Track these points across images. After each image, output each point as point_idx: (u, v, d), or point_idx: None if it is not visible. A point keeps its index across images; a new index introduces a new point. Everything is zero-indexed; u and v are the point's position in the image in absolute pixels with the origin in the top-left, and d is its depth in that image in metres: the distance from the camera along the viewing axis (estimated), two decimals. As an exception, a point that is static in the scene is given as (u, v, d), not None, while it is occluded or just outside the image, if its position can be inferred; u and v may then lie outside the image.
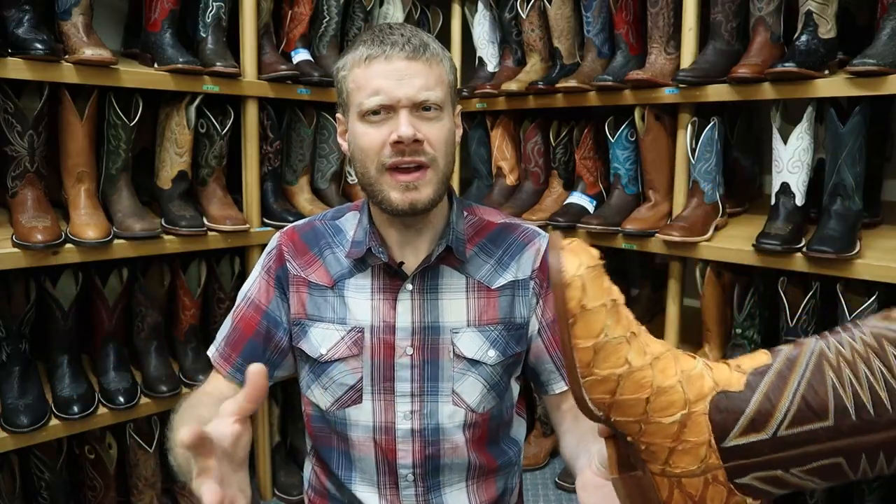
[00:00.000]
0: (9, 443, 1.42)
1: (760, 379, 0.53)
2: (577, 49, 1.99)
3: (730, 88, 1.57)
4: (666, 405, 0.53)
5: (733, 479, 0.53)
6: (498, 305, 0.94)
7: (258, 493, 1.95)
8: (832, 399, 0.50)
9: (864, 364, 0.50)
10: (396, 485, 0.94)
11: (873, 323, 0.51)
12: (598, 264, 0.54)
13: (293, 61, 1.88)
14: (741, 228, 1.71)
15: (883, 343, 0.49)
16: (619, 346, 0.53)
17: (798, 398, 0.51)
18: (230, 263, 1.83)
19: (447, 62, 0.89)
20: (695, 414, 0.53)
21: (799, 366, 0.52)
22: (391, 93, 0.83)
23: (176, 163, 1.69)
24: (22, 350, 1.51)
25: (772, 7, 1.53)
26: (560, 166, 2.05)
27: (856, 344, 0.51)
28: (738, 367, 0.55)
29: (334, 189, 2.04)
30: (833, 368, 0.51)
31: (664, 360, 0.54)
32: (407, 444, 0.92)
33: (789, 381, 0.52)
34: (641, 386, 0.53)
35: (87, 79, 1.47)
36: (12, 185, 1.47)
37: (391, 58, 0.84)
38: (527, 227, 0.99)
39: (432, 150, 0.85)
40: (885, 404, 0.49)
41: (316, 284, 0.95)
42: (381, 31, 0.87)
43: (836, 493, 1.70)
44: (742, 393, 0.53)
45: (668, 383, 0.53)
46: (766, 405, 0.52)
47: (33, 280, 1.53)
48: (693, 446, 0.53)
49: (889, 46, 1.35)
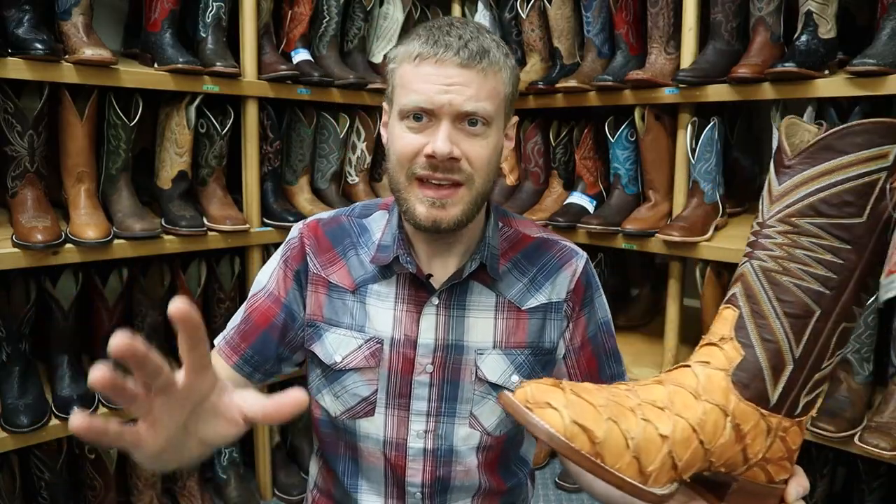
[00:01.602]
0: (9, 443, 1.42)
1: (746, 332, 0.55)
2: (577, 49, 1.99)
3: (730, 88, 1.57)
4: (713, 429, 0.53)
5: (794, 415, 0.55)
6: (527, 328, 0.89)
7: (258, 493, 1.95)
8: (803, 294, 0.53)
9: (796, 248, 0.53)
10: (403, 499, 0.91)
11: (768, 213, 0.54)
12: (563, 390, 0.52)
13: (293, 61, 1.88)
14: (741, 228, 1.71)
15: (791, 220, 0.53)
16: (648, 432, 0.51)
17: (784, 318, 0.53)
18: (230, 263, 1.83)
19: (507, 71, 0.81)
20: (735, 409, 0.53)
21: (759, 294, 0.54)
22: (435, 100, 0.76)
23: (176, 163, 1.69)
24: (22, 350, 1.51)
25: (772, 7, 1.53)
26: (560, 166, 2.05)
27: (777, 240, 0.53)
28: (721, 339, 0.56)
29: (334, 189, 2.04)
30: (782, 272, 0.53)
31: (677, 397, 0.53)
32: (418, 462, 0.88)
33: (766, 313, 0.54)
34: (688, 439, 0.52)
35: (87, 79, 1.47)
36: (12, 185, 1.47)
37: (443, 62, 0.76)
38: (564, 245, 0.93)
39: (470, 168, 0.79)
40: (835, 261, 0.52)
41: (336, 286, 0.89)
42: (439, 28, 0.79)
43: (836, 493, 1.70)
44: (745, 357, 0.54)
45: (699, 413, 0.52)
46: (771, 347, 0.54)
47: (33, 280, 1.53)
48: (755, 431, 0.54)
49: (889, 46, 1.35)
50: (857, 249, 0.52)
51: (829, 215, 0.51)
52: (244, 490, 1.88)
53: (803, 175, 0.52)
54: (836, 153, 0.51)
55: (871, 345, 1.47)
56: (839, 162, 0.51)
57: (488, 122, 0.80)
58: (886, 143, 0.50)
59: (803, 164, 0.52)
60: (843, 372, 1.49)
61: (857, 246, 0.52)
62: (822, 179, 0.51)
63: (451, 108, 0.77)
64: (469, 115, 0.78)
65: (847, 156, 0.50)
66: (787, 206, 0.53)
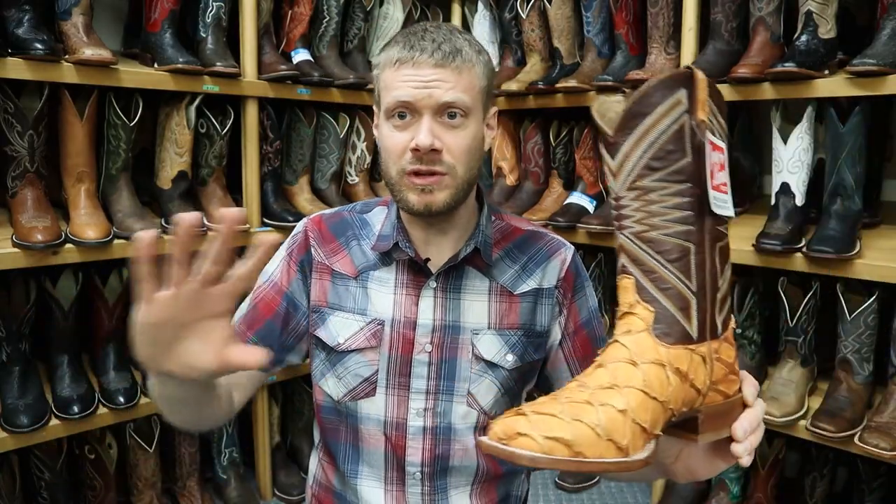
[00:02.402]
0: (9, 443, 1.42)
1: (647, 291, 0.61)
2: (577, 49, 1.99)
3: (730, 88, 1.57)
4: (660, 384, 0.59)
5: (717, 334, 0.63)
6: (519, 311, 0.94)
7: (258, 493, 1.95)
8: (675, 238, 0.60)
9: (651, 204, 0.61)
10: (403, 482, 0.94)
11: (617, 187, 0.62)
12: (525, 415, 0.57)
13: (293, 61, 1.88)
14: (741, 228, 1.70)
15: (635, 184, 0.60)
16: (608, 414, 0.56)
17: (670, 265, 0.61)
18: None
19: (481, 66, 0.88)
20: (669, 357, 0.60)
21: (641, 256, 0.62)
22: (415, 99, 0.84)
23: (176, 163, 1.69)
24: (22, 350, 1.51)
25: (772, 7, 1.53)
26: (560, 166, 2.05)
27: (633, 205, 0.60)
28: (630, 305, 0.62)
29: (334, 189, 2.04)
30: (650, 228, 0.61)
31: (618, 371, 0.59)
32: (417, 441, 0.92)
33: (654, 268, 0.61)
34: (642, 402, 0.58)
35: (87, 79, 1.47)
36: (12, 185, 1.47)
37: (419, 64, 0.83)
38: (553, 237, 1.00)
39: (451, 158, 0.86)
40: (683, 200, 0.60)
41: (339, 273, 0.95)
42: (414, 33, 0.86)
43: (836, 493, 1.70)
44: (656, 311, 0.61)
45: (641, 377, 0.59)
46: (672, 293, 0.61)
47: (33, 280, 1.53)
48: (693, 366, 0.60)
49: (889, 46, 1.35)
50: (694, 181, 0.60)
51: (662, 168, 0.59)
52: (244, 490, 1.88)
53: (628, 144, 0.59)
54: (642, 116, 0.58)
55: (871, 345, 1.47)
56: (648, 121, 0.58)
57: (466, 114, 0.86)
58: (675, 92, 0.58)
59: (623, 135, 0.59)
60: (843, 372, 1.49)
61: (693, 179, 0.60)
62: (643, 141, 0.59)
63: (430, 102, 0.83)
64: (448, 107, 0.84)
65: (651, 115, 0.58)
66: (627, 175, 0.60)
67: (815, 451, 1.62)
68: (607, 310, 2.06)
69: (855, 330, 1.46)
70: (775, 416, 1.50)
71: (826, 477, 1.64)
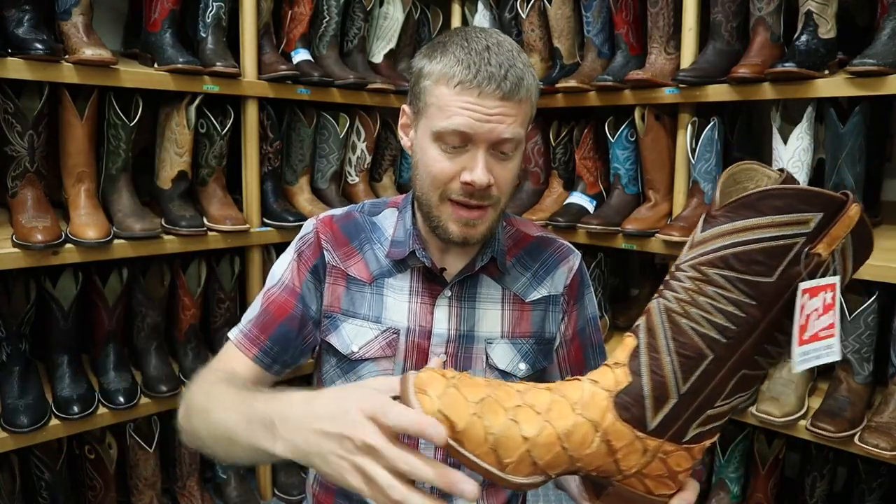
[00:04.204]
0: (9, 443, 1.42)
1: (638, 361, 0.58)
2: (577, 49, 1.99)
3: (730, 88, 1.57)
4: (581, 440, 0.57)
5: (681, 441, 0.59)
6: (531, 319, 0.94)
7: (258, 493, 1.95)
8: (698, 339, 0.56)
9: (701, 295, 0.55)
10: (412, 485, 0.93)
11: (685, 258, 0.57)
12: (449, 381, 0.57)
13: (293, 61, 1.88)
14: (741, 228, 1.70)
15: (701, 269, 0.55)
16: (510, 431, 0.56)
17: (675, 356, 0.57)
18: (230, 263, 1.83)
19: (535, 94, 0.84)
20: (609, 427, 0.58)
21: (658, 330, 0.58)
22: (476, 128, 0.79)
23: (176, 163, 1.69)
24: (22, 350, 1.51)
25: (772, 7, 1.53)
26: (560, 166, 2.05)
27: (685, 284, 0.56)
28: (615, 363, 0.60)
29: (334, 189, 2.04)
30: (683, 315, 0.56)
31: (556, 405, 0.58)
32: (429, 450, 0.90)
33: (659, 348, 0.57)
34: (551, 444, 0.57)
35: (87, 79, 1.47)
36: (12, 185, 1.47)
37: (485, 94, 0.78)
38: (561, 244, 1.00)
39: (498, 192, 0.83)
40: (736, 313, 0.54)
41: (354, 279, 0.92)
42: (477, 52, 0.79)
43: (836, 493, 1.70)
44: (632, 383, 0.58)
45: (569, 424, 0.57)
46: (657, 379, 0.57)
47: (33, 280, 1.53)
48: (628, 448, 0.58)
49: (889, 46, 1.35)
50: (762, 306, 0.54)
51: (738, 270, 0.54)
52: (244, 490, 1.88)
53: (722, 228, 0.54)
54: (755, 213, 0.52)
55: (871, 345, 1.47)
56: (756, 222, 0.52)
57: (518, 146, 0.83)
58: (808, 211, 0.52)
59: (725, 217, 0.54)
60: (843, 372, 1.49)
61: (762, 303, 0.54)
62: (738, 235, 0.53)
63: (490, 137, 0.80)
64: (506, 142, 0.81)
65: (764, 217, 0.52)
66: (701, 255, 0.55)
67: (815, 451, 1.62)
68: (607, 310, 2.06)
69: (855, 330, 1.46)
70: (775, 416, 1.50)
71: (826, 477, 1.64)
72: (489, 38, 0.82)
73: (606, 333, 2.05)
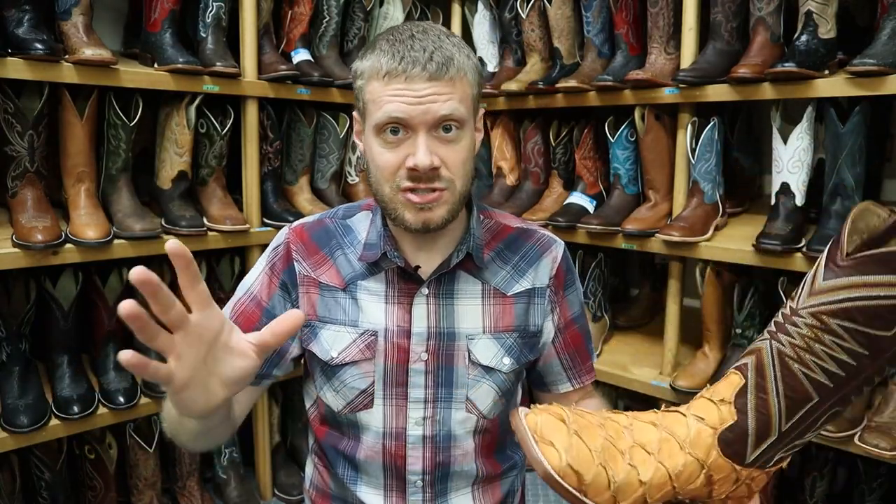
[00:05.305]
0: (9, 443, 1.42)
1: (745, 400, 0.61)
2: (577, 49, 1.99)
3: (730, 88, 1.57)
4: (688, 478, 0.60)
5: (766, 467, 0.62)
6: (513, 312, 0.93)
7: (258, 493, 1.95)
8: (808, 383, 0.57)
9: (817, 343, 0.56)
10: (404, 490, 0.93)
11: (802, 304, 0.58)
12: (570, 428, 0.59)
13: (293, 61, 1.88)
14: (741, 228, 1.71)
15: (822, 318, 0.56)
16: (629, 477, 0.59)
17: (783, 398, 0.59)
18: (230, 263, 1.83)
19: (472, 72, 0.83)
20: (713, 463, 0.60)
21: (768, 372, 0.59)
22: (410, 116, 0.79)
23: (176, 163, 1.69)
24: (22, 350, 1.51)
25: (772, 7, 1.53)
26: (560, 166, 2.05)
27: (802, 330, 0.57)
28: (721, 400, 0.62)
29: (334, 189, 2.04)
30: (796, 360, 0.58)
31: (665, 445, 0.60)
32: (417, 450, 0.91)
33: (768, 389, 0.59)
34: (663, 484, 0.59)
35: (87, 79, 1.47)
36: (12, 185, 1.47)
37: (412, 78, 0.78)
38: (543, 234, 0.98)
39: (449, 173, 0.82)
40: (849, 362, 0.56)
41: (327, 285, 0.92)
42: (401, 41, 0.80)
43: (836, 493, 1.70)
44: (738, 421, 0.60)
45: (679, 463, 0.60)
46: (762, 419, 0.60)
47: (33, 280, 1.53)
48: (724, 479, 0.61)
49: (889, 46, 1.35)
50: (872, 356, 0.55)
51: (860, 323, 0.54)
52: (244, 490, 1.88)
53: (850, 280, 0.54)
54: (887, 270, 0.52)
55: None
56: (888, 279, 0.52)
57: (462, 125, 0.82)
58: None
59: (855, 270, 0.53)
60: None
61: (874, 354, 0.55)
62: (866, 290, 0.53)
63: (425, 118, 0.79)
64: (444, 121, 0.80)
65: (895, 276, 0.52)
66: (823, 304, 0.55)
67: (815, 451, 1.62)
68: (607, 310, 2.06)
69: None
70: (775, 416, 1.50)
71: (826, 477, 1.64)
72: (415, 27, 0.83)
73: (606, 333, 2.05)
